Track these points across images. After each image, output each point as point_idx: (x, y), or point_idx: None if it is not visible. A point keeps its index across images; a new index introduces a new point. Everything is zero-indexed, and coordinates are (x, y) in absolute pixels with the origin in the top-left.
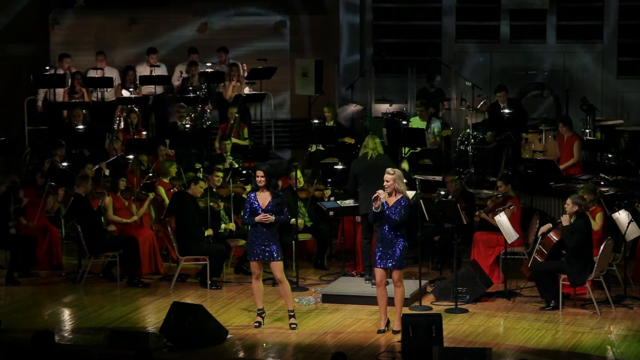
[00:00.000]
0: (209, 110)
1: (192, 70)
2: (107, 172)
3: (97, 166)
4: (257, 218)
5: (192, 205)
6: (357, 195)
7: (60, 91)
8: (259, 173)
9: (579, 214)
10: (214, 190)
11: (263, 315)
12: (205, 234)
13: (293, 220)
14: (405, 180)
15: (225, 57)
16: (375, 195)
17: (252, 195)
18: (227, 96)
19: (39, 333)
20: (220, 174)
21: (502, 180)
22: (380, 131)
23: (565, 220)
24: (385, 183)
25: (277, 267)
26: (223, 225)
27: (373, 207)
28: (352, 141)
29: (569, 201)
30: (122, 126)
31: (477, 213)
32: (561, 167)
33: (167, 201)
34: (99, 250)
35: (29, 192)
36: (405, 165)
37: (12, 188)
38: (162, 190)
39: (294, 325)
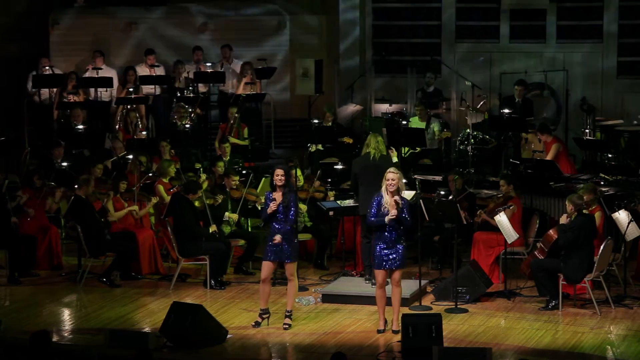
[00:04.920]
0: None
1: (179, 69)
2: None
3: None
4: (269, 210)
5: (188, 207)
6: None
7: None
8: (279, 172)
9: (579, 212)
10: (228, 190)
11: (265, 316)
12: (210, 231)
13: (227, 214)
14: (405, 181)
15: (230, 54)
16: (392, 204)
17: (270, 194)
18: (238, 92)
19: (36, 333)
20: (237, 177)
21: (505, 179)
22: (380, 131)
23: (563, 219)
24: (390, 182)
25: (292, 267)
26: (227, 213)
27: (390, 215)
28: (351, 141)
29: (567, 201)
30: (122, 126)
31: (478, 213)
32: None
33: (167, 200)
34: (99, 252)
35: (28, 192)
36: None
37: (10, 188)
38: (162, 190)
39: (287, 326)
